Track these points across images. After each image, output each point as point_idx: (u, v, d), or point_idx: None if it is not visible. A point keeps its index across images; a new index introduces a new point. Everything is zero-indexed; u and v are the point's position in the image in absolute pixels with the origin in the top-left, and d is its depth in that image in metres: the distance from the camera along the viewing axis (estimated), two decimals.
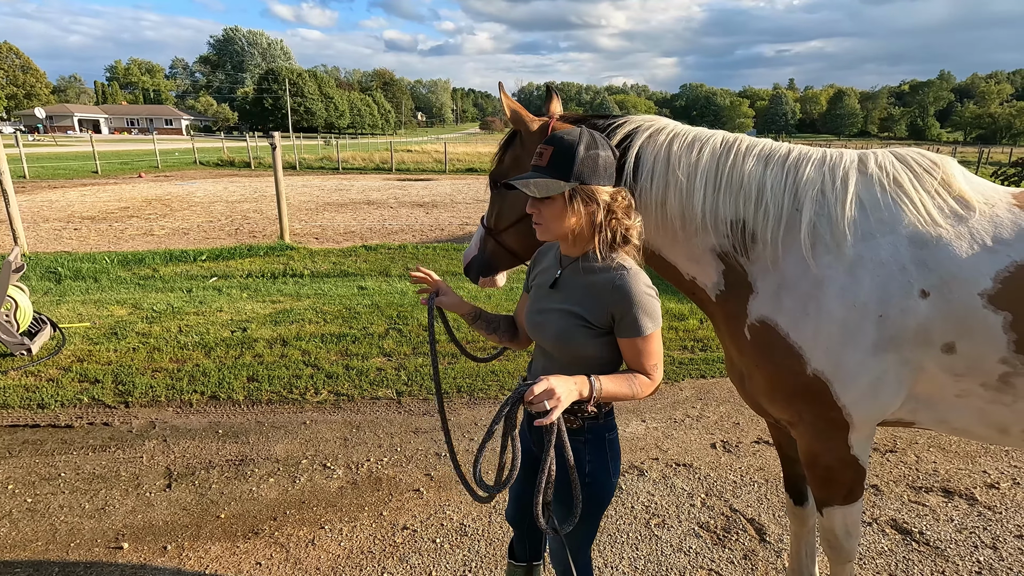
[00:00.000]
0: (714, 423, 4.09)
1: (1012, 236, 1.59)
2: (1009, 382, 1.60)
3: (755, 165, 1.76)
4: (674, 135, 1.83)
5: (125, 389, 4.40)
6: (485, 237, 2.09)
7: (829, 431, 1.75)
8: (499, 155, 2.04)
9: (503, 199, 2.00)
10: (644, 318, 1.53)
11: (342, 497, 3.21)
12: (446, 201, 17.05)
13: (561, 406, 1.39)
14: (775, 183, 1.72)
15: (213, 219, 13.05)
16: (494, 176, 2.04)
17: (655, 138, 1.82)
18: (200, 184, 20.58)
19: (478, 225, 2.16)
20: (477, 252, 2.11)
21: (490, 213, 2.07)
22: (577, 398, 1.46)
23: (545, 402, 1.37)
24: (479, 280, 2.14)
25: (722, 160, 1.77)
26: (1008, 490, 3.32)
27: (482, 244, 2.10)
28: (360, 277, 8.00)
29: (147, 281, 7.63)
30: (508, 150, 2.01)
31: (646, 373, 1.58)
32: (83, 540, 2.85)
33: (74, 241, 10.37)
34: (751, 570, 2.69)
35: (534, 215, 1.59)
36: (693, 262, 1.84)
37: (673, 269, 1.90)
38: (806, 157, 1.76)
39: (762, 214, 1.71)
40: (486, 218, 2.09)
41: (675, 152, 1.79)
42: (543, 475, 1.49)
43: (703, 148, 1.79)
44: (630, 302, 1.53)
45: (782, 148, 1.81)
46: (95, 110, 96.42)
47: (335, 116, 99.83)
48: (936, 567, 2.71)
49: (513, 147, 1.98)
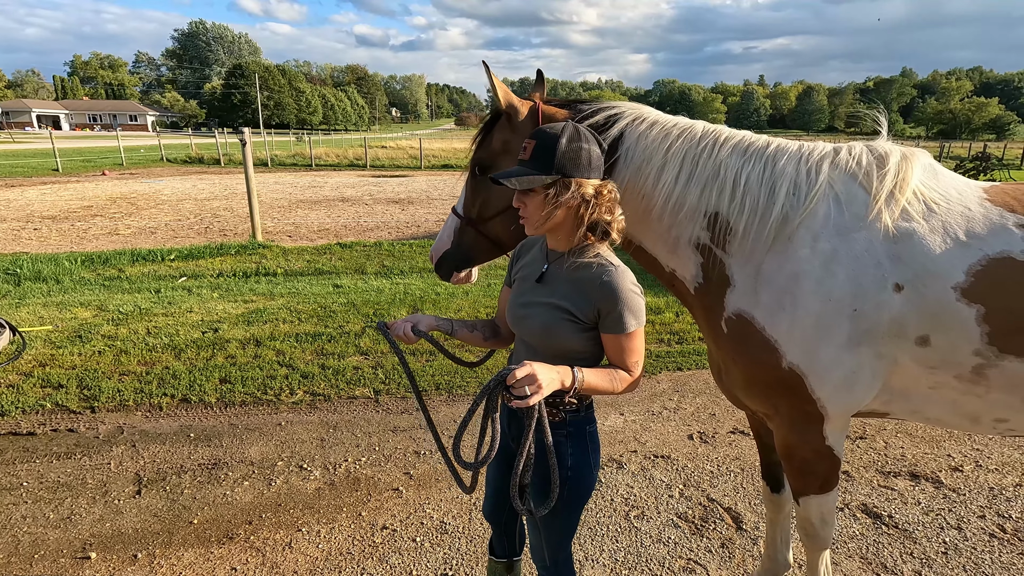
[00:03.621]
0: (691, 415, 4.14)
1: (983, 230, 1.61)
2: (982, 374, 1.63)
3: (733, 156, 1.76)
4: (655, 122, 1.82)
5: (91, 394, 4.26)
6: (462, 228, 1.95)
7: (804, 423, 1.78)
8: (481, 137, 1.92)
9: (489, 186, 1.87)
10: (629, 316, 1.56)
11: (320, 498, 3.16)
12: (422, 197, 16.92)
13: (542, 393, 1.39)
14: (751, 175, 1.72)
15: (182, 217, 12.71)
16: (477, 161, 1.91)
17: (637, 124, 1.81)
18: (167, 182, 20.01)
19: (448, 216, 2.02)
20: (451, 246, 1.97)
21: (471, 201, 1.93)
22: (559, 388, 1.46)
23: (526, 387, 1.37)
24: (451, 276, 2.01)
25: (700, 150, 1.77)
26: (971, 472, 3.44)
27: (458, 236, 1.96)
28: (335, 275, 7.88)
29: (112, 282, 7.39)
30: (493, 132, 1.89)
31: (627, 369, 1.60)
32: (48, 551, 2.75)
33: (34, 241, 9.99)
34: (728, 558, 2.73)
35: (520, 208, 1.58)
36: (672, 254, 1.84)
37: (654, 261, 1.90)
38: (783, 150, 1.77)
39: (737, 206, 1.72)
40: (464, 207, 1.95)
41: (655, 139, 1.78)
42: (521, 458, 1.50)
43: (682, 136, 1.79)
44: (616, 299, 1.55)
45: (760, 140, 1.82)
46: (55, 105, 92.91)
47: (307, 112, 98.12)
48: (905, 549, 2.80)
49: (501, 130, 1.88)
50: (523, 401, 1.37)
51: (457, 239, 1.96)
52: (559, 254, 1.66)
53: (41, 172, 22.31)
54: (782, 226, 1.68)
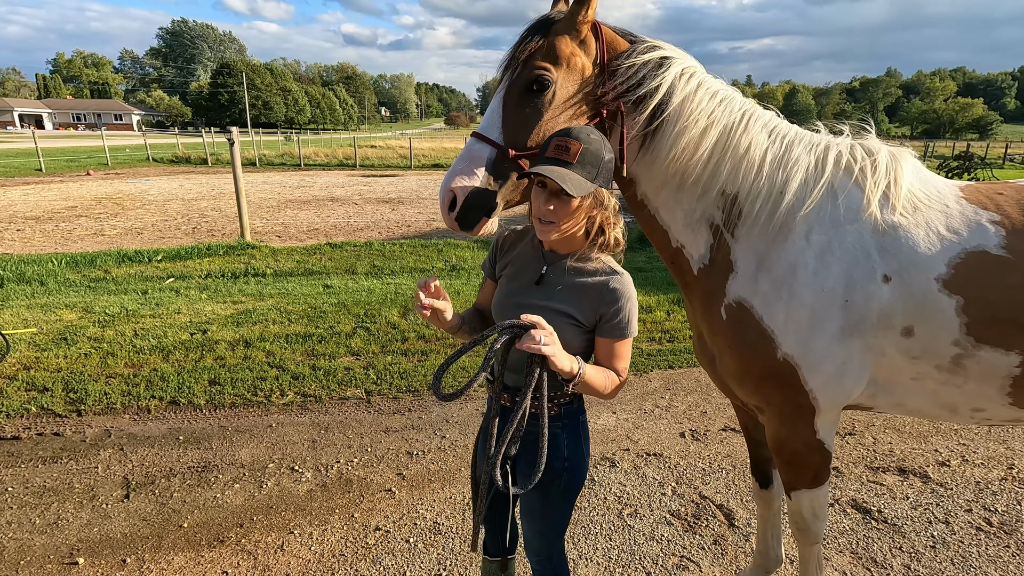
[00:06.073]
0: (682, 412, 4.16)
1: (961, 226, 1.68)
2: (960, 364, 1.68)
3: (763, 135, 1.73)
4: (701, 82, 1.71)
5: (77, 397, 4.20)
6: (499, 161, 1.59)
7: (796, 416, 1.80)
8: (534, 45, 1.60)
9: (546, 106, 1.58)
10: (630, 323, 1.59)
11: (311, 500, 3.13)
12: (412, 197, 16.85)
13: (554, 349, 1.41)
14: (773, 160, 1.71)
15: (168, 218, 12.56)
16: (537, 72, 1.58)
17: (685, 81, 1.68)
18: (154, 182, 19.77)
19: (469, 143, 1.62)
20: (481, 183, 1.58)
21: (517, 125, 1.59)
22: (567, 368, 1.46)
23: (542, 336, 1.38)
24: (478, 225, 1.61)
25: (736, 123, 1.70)
26: (958, 467, 3.49)
27: (492, 170, 1.58)
28: (325, 275, 7.83)
29: (98, 283, 7.28)
30: (555, 43, 1.60)
31: (617, 373, 1.62)
32: (34, 557, 2.70)
33: (17, 243, 9.82)
34: (721, 555, 2.75)
35: (545, 213, 1.51)
36: (688, 229, 1.79)
37: (664, 232, 1.83)
38: (800, 136, 1.78)
39: (754, 189, 1.70)
40: (504, 132, 1.59)
41: (699, 102, 1.68)
42: (509, 429, 1.50)
43: (723, 103, 1.71)
44: (622, 306, 1.57)
45: (783, 122, 1.81)
46: (37, 104, 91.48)
47: (295, 111, 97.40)
48: (894, 543, 2.83)
49: (564, 42, 1.61)
50: (538, 347, 1.37)
51: (492, 173, 1.59)
52: (558, 256, 1.65)
53: (24, 172, 21.94)
54: (788, 216, 1.70)
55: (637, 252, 8.90)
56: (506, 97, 1.63)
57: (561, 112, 1.63)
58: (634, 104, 1.68)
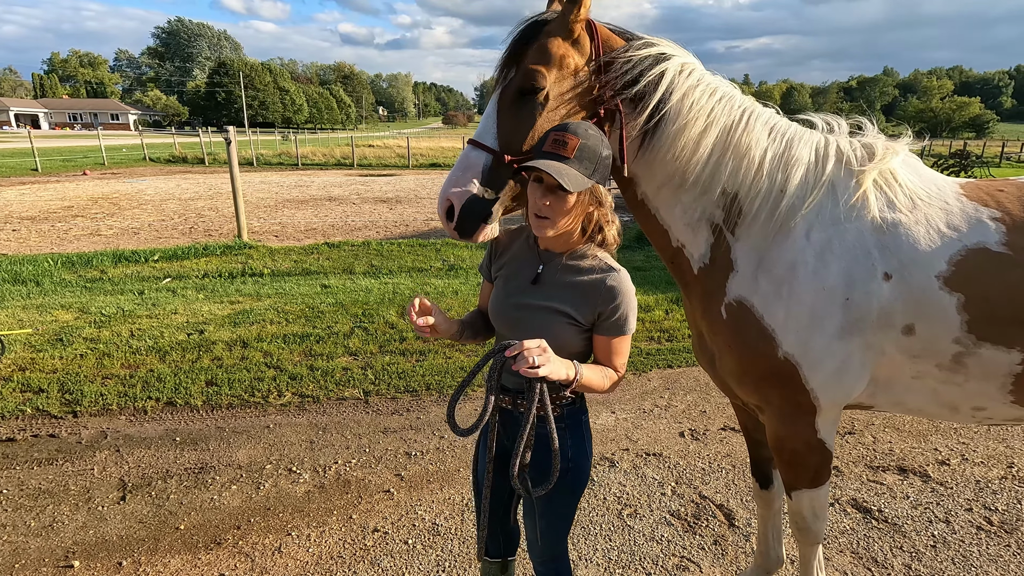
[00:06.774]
0: (682, 412, 4.15)
1: (962, 223, 1.66)
2: (961, 362, 1.67)
3: (763, 134, 1.70)
4: (700, 78, 1.69)
5: (73, 398, 4.17)
6: (496, 166, 1.57)
7: (796, 415, 1.78)
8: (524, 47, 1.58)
9: (540, 109, 1.55)
10: (628, 320, 1.58)
11: (309, 502, 3.11)
12: (410, 197, 16.82)
13: (549, 367, 1.39)
14: (773, 159, 1.70)
15: (165, 218, 12.52)
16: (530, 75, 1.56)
17: (684, 76, 1.66)
18: (151, 181, 19.70)
19: (465, 150, 1.60)
20: (479, 189, 1.56)
21: (511, 130, 1.57)
22: (563, 375, 1.45)
23: (535, 356, 1.36)
24: (478, 232, 1.60)
25: (737, 121, 1.68)
26: (958, 466, 3.49)
27: (489, 176, 1.56)
28: (323, 275, 7.80)
29: (94, 284, 7.24)
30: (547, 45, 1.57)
31: (615, 369, 1.61)
32: (29, 560, 2.68)
33: (13, 243, 9.78)
34: (721, 555, 2.74)
35: (541, 208, 1.48)
36: (688, 228, 1.77)
37: (664, 232, 1.81)
38: (799, 133, 1.76)
39: (754, 188, 1.68)
40: (499, 138, 1.58)
41: (698, 99, 1.66)
42: (521, 440, 1.49)
43: (722, 101, 1.69)
44: (620, 303, 1.55)
45: (782, 120, 1.79)
46: (33, 104, 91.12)
47: (292, 111, 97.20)
48: (895, 543, 2.82)
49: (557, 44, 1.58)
50: (533, 371, 1.36)
51: (488, 180, 1.57)
52: (554, 255, 1.63)
53: (20, 172, 21.86)
54: (788, 215, 1.68)
55: (635, 251, 8.89)
56: (500, 102, 1.61)
57: (555, 114, 1.61)
58: (632, 101, 1.65)
